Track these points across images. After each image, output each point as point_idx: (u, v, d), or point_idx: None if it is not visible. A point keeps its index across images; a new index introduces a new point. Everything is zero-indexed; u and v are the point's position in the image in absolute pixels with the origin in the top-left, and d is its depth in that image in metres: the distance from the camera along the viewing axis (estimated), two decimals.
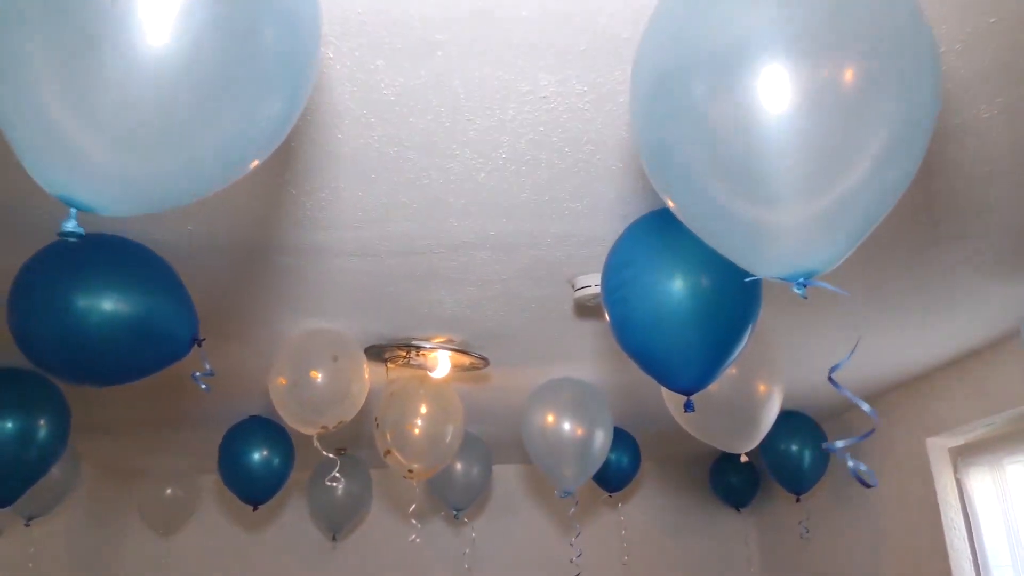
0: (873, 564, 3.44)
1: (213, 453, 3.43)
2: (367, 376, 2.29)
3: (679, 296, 1.46)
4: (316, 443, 2.16)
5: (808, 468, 3.51)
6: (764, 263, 0.88)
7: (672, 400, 2.22)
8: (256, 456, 3.25)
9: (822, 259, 0.85)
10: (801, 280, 0.85)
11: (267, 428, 3.28)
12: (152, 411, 3.32)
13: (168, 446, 3.91)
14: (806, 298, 0.85)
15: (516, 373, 2.87)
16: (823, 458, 3.55)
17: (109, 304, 1.51)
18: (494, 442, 3.85)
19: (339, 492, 4.00)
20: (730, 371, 2.23)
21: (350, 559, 4.58)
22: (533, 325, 2.32)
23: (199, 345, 1.59)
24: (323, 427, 2.15)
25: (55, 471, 3.31)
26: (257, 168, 0.94)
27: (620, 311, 1.51)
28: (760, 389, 2.23)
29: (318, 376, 2.15)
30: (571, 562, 3.01)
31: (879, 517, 3.40)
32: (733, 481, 4.53)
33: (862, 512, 3.55)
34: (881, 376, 3.15)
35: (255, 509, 3.28)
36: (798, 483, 3.53)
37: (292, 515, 4.65)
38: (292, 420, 2.17)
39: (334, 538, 4.16)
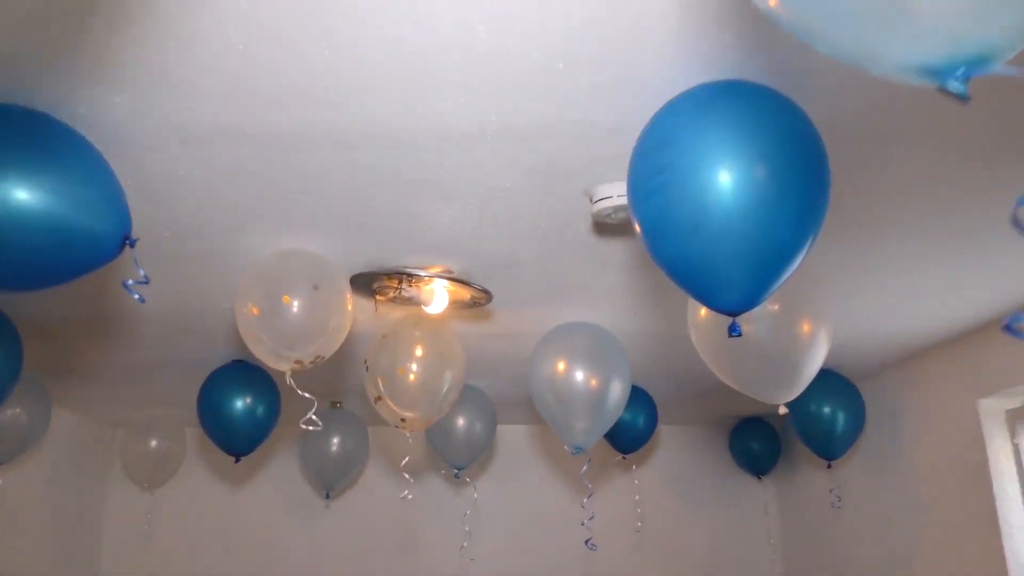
0: (912, 539, 3.14)
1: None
2: (351, 308, 1.99)
3: (731, 188, 1.15)
4: (290, 381, 1.87)
5: (842, 431, 3.23)
6: (903, 47, 0.56)
7: (704, 334, 1.91)
8: (238, 404, 2.99)
9: (996, 39, 0.52)
10: (961, 73, 0.52)
11: (251, 374, 3.02)
12: (128, 355, 3.05)
13: (150, 394, 3.66)
14: (968, 100, 0.53)
15: (523, 316, 2.56)
16: (858, 420, 3.27)
17: (17, 193, 1.21)
18: (499, 400, 3.59)
19: (333, 448, 3.79)
20: (771, 307, 1.94)
21: (344, 518, 4.35)
22: (543, 249, 2.00)
23: (131, 246, 1.30)
24: (297, 362, 1.86)
25: (23, 414, 3.09)
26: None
27: (654, 207, 1.20)
28: (805, 330, 1.93)
29: (292, 303, 1.86)
30: (582, 524, 2.73)
31: (920, 485, 3.09)
32: (754, 447, 4.32)
33: (900, 480, 3.25)
34: (926, 331, 2.84)
35: (237, 461, 3.02)
36: (831, 448, 3.25)
37: (283, 471, 4.42)
38: (262, 352, 1.87)
39: (327, 496, 3.92)
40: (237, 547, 4.33)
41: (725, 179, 1.16)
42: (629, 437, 3.53)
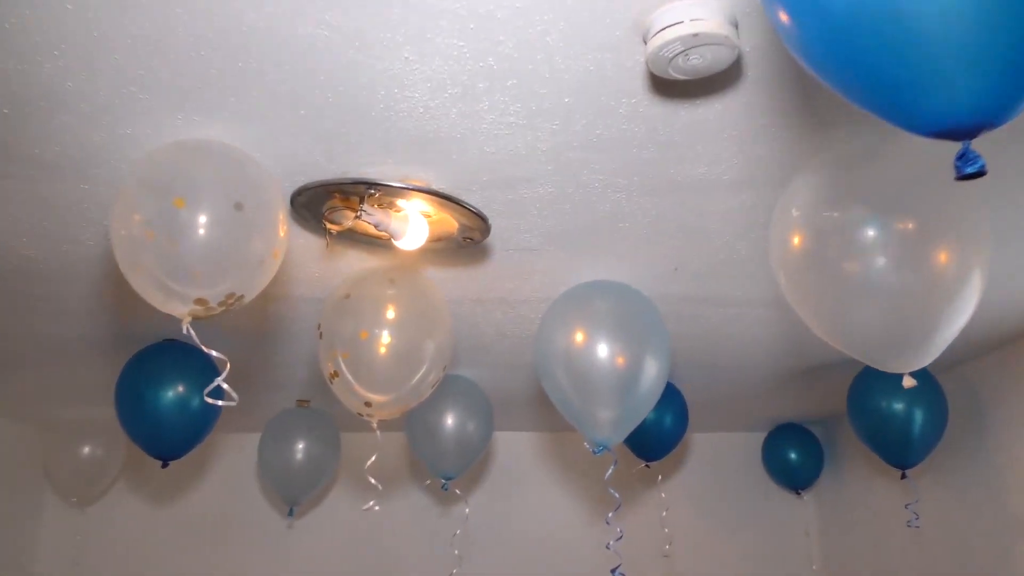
0: (999, 562, 2.60)
1: None
2: (284, 232, 1.39)
3: None
4: (187, 329, 1.27)
5: (920, 433, 2.71)
6: None
7: (802, 269, 1.33)
8: (168, 394, 2.42)
9: None
10: None
11: (186, 356, 2.45)
12: (38, 333, 2.48)
13: (75, 386, 3.14)
14: None
15: (530, 262, 1.96)
16: (938, 420, 2.76)
17: None
18: (497, 396, 3.10)
19: (297, 456, 3.34)
20: (902, 225, 1.36)
21: (310, 540, 3.87)
22: (564, 144, 1.40)
23: None
24: (200, 301, 1.25)
25: None
26: None
27: None
28: (950, 268, 1.33)
29: (197, 216, 1.26)
30: (607, 548, 2.15)
31: (1012, 498, 2.56)
32: (792, 456, 3.91)
33: (987, 492, 2.72)
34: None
35: (164, 466, 2.44)
36: (906, 453, 2.74)
37: (236, 483, 3.96)
38: (147, 287, 1.26)
39: (290, 513, 3.43)
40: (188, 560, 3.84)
41: None
42: (655, 440, 3.02)
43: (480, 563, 3.80)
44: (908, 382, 1.43)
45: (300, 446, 3.31)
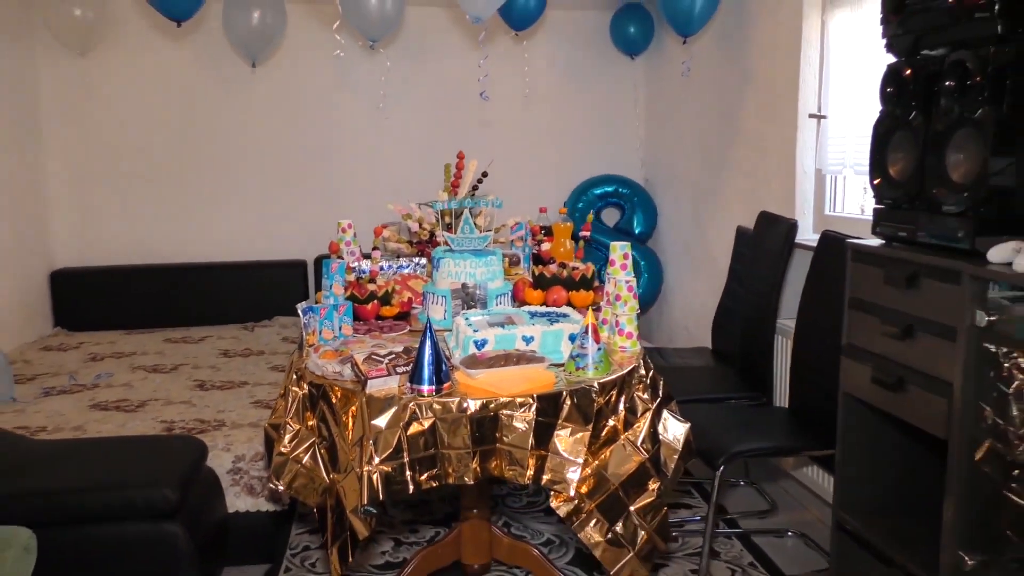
0: (739, 98, 3.98)
1: None
2: None
3: None
4: None
5: (699, 12, 3.84)
6: None
7: None
8: None
9: None
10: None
11: None
12: None
13: None
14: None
15: None
16: (712, 3, 3.86)
17: None
18: None
19: (254, 21, 4.14)
20: None
21: (270, 83, 4.88)
22: None
23: None
24: None
25: None
26: None
27: None
28: None
29: None
30: (478, 80, 3.36)
31: (749, 58, 3.85)
32: (631, 30, 4.89)
33: (736, 54, 3.98)
34: None
35: (179, 26, 3.41)
36: (688, 25, 3.88)
37: (209, 42, 4.77)
38: None
39: (253, 65, 4.38)
40: (171, 107, 4.82)
41: None
42: (521, 14, 4.05)
43: (398, 97, 4.94)
44: None
45: (256, 14, 4.06)
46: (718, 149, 4.23)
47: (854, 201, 3.40)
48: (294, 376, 2.30)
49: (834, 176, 3.37)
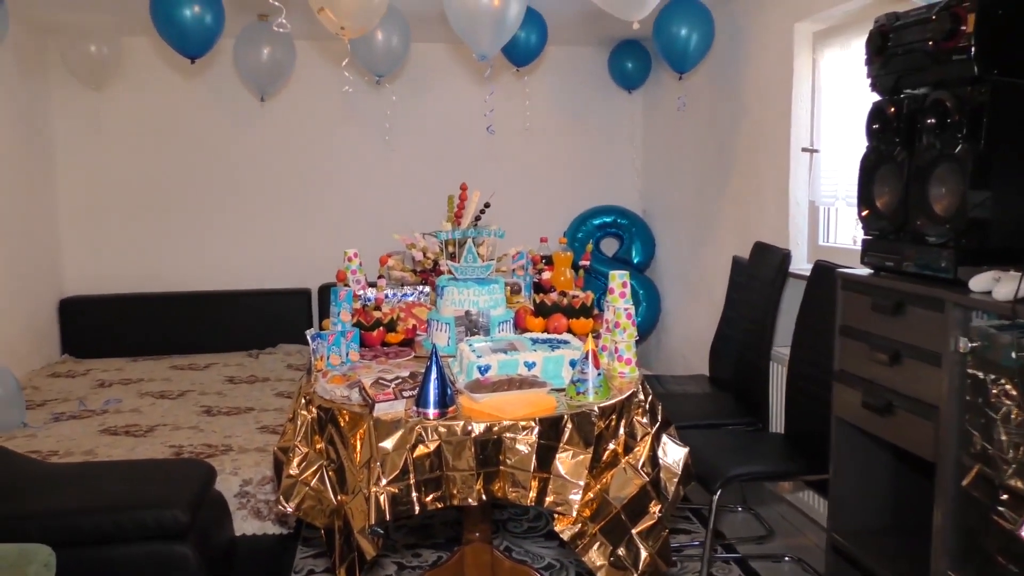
0: (733, 132, 4.10)
1: (139, 12, 3.55)
2: None
3: None
4: None
5: (693, 49, 3.96)
6: None
7: None
8: (187, 12, 3.41)
9: None
10: None
11: None
12: None
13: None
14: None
15: None
16: (706, 40, 3.97)
17: None
18: (414, 18, 4.09)
19: (264, 57, 4.27)
20: None
21: (278, 116, 5.00)
22: None
23: None
24: None
25: None
26: None
27: None
28: None
29: None
30: (484, 116, 3.49)
31: (742, 93, 3.97)
32: (629, 66, 5.02)
33: (730, 90, 4.11)
34: None
35: (192, 62, 3.52)
36: (683, 62, 4.00)
37: (219, 78, 4.91)
38: None
39: (262, 99, 4.50)
40: (181, 139, 4.93)
41: None
42: (523, 52, 4.17)
43: (404, 128, 5.06)
44: (636, 25, 2.70)
45: (266, 50, 4.20)
46: (713, 181, 4.33)
47: (846, 232, 3.49)
48: (303, 400, 2.35)
49: (827, 207, 3.47)
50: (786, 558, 3.18)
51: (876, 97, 2.28)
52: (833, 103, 3.34)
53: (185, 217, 4.96)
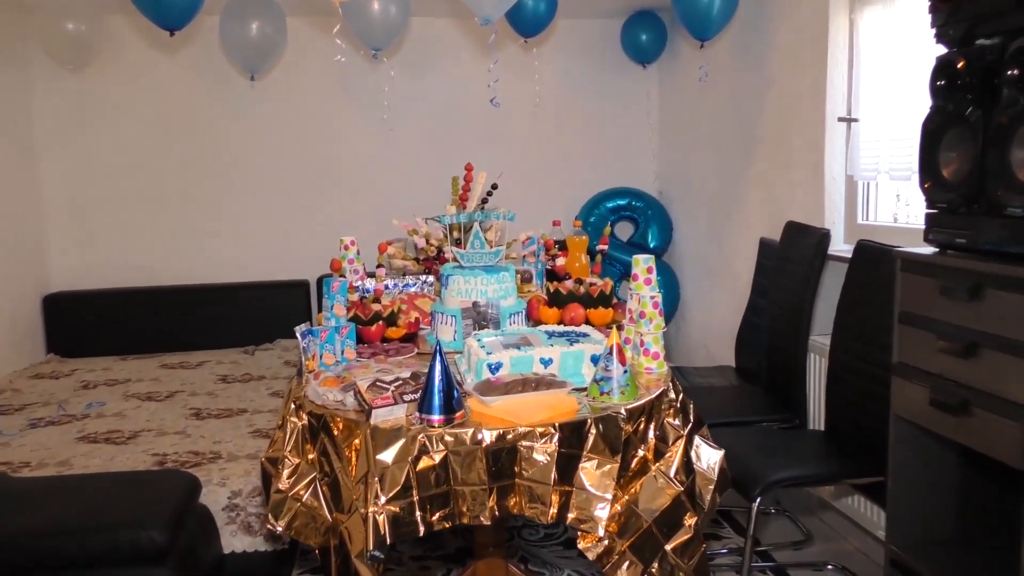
0: (760, 104, 3.80)
1: None
2: None
3: None
4: None
5: (716, 14, 3.67)
6: None
7: None
8: None
9: None
10: None
11: None
12: None
13: None
14: None
15: None
16: (731, 3, 3.69)
17: None
18: None
19: (252, 32, 3.98)
20: None
21: (270, 96, 4.73)
22: None
23: None
24: None
25: None
26: None
27: None
28: None
29: None
30: (488, 87, 3.20)
31: (771, 61, 3.67)
32: (643, 38, 4.74)
33: (757, 57, 3.81)
34: None
35: (172, 35, 3.26)
36: (705, 29, 3.71)
37: (205, 55, 4.63)
38: None
39: (252, 78, 4.23)
40: (169, 123, 4.67)
41: None
42: (531, 21, 3.90)
43: (403, 106, 4.78)
44: None
45: (254, 24, 3.88)
46: (737, 158, 4.04)
47: (886, 209, 3.20)
48: (292, 406, 2.11)
49: (866, 183, 3.17)
50: (829, 566, 2.91)
51: (942, 50, 1.99)
52: (874, 67, 3.04)
53: (175, 206, 4.71)
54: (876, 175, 3.02)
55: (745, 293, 3.62)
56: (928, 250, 2.03)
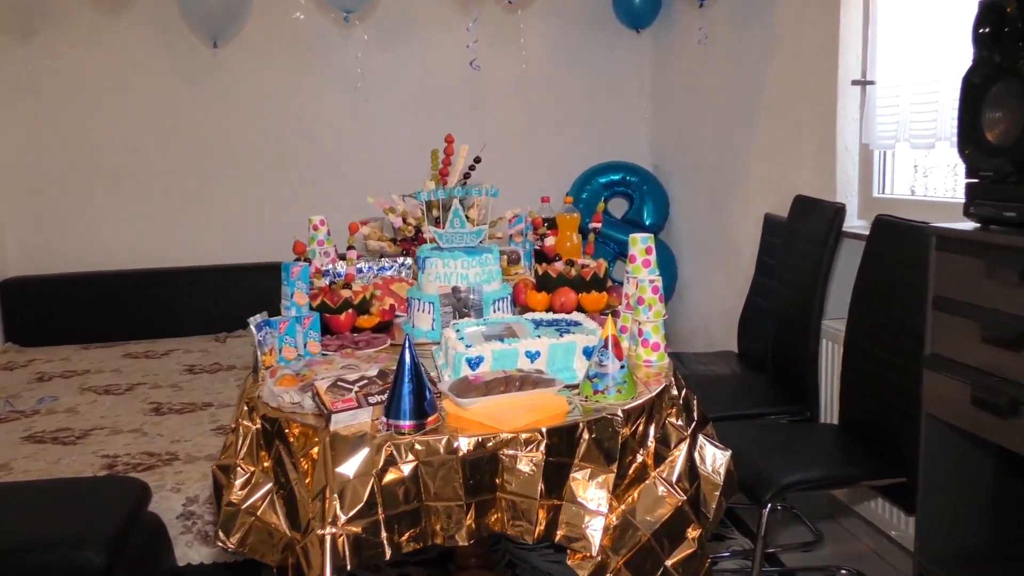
0: (764, 68, 3.53)
1: None
2: None
3: None
4: None
5: None
6: None
7: None
8: None
9: None
10: None
11: None
12: None
13: None
14: None
15: None
16: None
17: None
18: None
19: None
20: None
21: (234, 65, 4.42)
22: None
23: None
24: None
25: None
26: None
27: None
28: None
29: None
30: (467, 47, 2.93)
31: (777, 21, 3.40)
32: (636, 2, 4.40)
33: (762, 17, 3.53)
34: None
35: None
36: None
37: (166, 22, 4.32)
38: None
39: (215, 45, 3.95)
40: (126, 95, 4.37)
41: None
42: None
43: (376, 79, 4.50)
44: None
45: None
46: (739, 128, 3.78)
47: (903, 181, 2.95)
48: (245, 408, 1.87)
49: (881, 153, 2.92)
50: (843, 571, 2.69)
51: None
52: (893, 25, 2.78)
53: (137, 185, 4.43)
54: (894, 143, 2.77)
55: (748, 273, 3.38)
56: (968, 226, 1.78)
